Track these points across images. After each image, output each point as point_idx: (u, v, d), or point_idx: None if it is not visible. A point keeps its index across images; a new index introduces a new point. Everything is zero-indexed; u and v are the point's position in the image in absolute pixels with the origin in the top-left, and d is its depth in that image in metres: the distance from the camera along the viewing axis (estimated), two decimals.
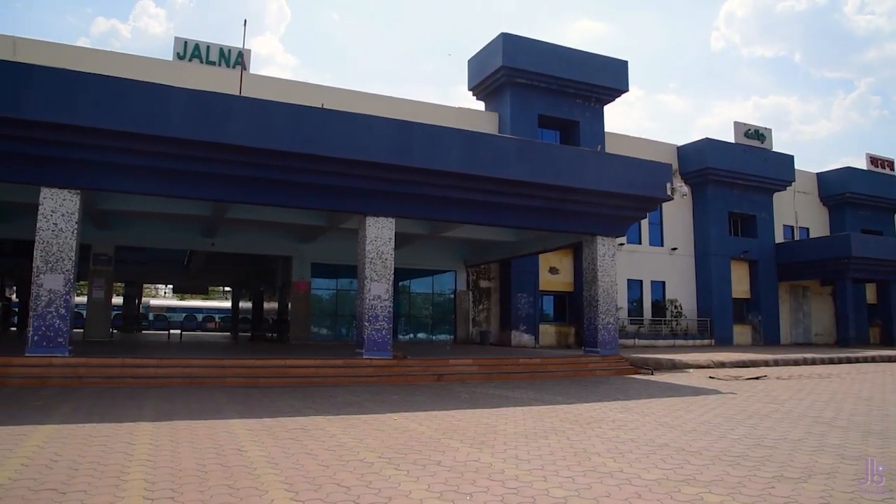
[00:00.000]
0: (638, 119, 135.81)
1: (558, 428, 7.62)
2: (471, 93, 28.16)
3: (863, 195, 35.11)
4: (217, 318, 53.53)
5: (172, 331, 32.85)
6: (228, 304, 50.12)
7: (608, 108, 31.77)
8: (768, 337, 31.41)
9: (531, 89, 26.21)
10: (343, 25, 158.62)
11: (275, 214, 17.39)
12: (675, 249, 30.45)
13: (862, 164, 36.75)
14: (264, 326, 30.86)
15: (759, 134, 32.46)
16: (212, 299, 61.53)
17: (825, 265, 30.55)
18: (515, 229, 20.23)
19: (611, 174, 16.71)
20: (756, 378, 15.05)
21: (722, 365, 18.37)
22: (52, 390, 10.43)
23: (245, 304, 40.19)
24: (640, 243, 29.40)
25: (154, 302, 56.39)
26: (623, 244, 27.19)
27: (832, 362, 20.88)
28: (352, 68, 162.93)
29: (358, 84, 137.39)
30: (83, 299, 26.15)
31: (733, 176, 30.84)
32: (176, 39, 22.11)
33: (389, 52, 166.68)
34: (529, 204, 16.06)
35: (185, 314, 52.22)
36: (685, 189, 30.37)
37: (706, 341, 29.31)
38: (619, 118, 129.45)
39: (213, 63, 22.28)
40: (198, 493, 4.50)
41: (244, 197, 14.10)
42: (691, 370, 17.34)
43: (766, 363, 19.29)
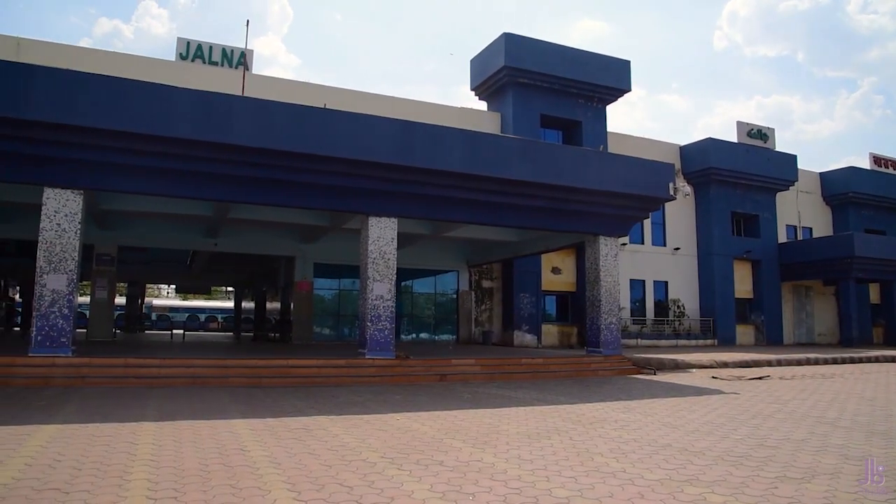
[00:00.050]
0: (640, 119, 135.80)
1: (561, 428, 7.61)
2: (473, 93, 28.16)
3: (866, 195, 35.02)
4: (220, 318, 53.66)
5: (175, 331, 32.94)
6: (231, 305, 50.23)
7: (610, 108, 31.84)
8: (771, 337, 31.34)
9: (533, 89, 26.20)
10: (345, 26, 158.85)
11: (277, 214, 17.40)
12: (678, 249, 30.40)
13: (865, 164, 36.66)
14: (267, 326, 30.89)
15: (762, 133, 32.38)
16: (214, 299, 61.67)
17: (828, 265, 30.47)
18: (518, 229, 20.22)
19: (613, 174, 16.70)
20: (759, 378, 15.02)
21: (725, 365, 18.34)
22: (56, 390, 10.45)
23: (248, 304, 40.26)
24: (643, 243, 29.38)
25: (157, 302, 56.57)
26: (626, 244, 27.17)
27: (835, 362, 20.82)
28: (354, 68, 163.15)
29: (360, 84, 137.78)
30: (86, 299, 26.18)
31: (736, 176, 30.78)
32: (178, 40, 22.17)
33: (391, 53, 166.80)
34: (532, 204, 16.05)
35: (188, 314, 52.38)
36: (688, 189, 30.37)
37: (709, 341, 29.26)
38: (622, 118, 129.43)
39: (216, 63, 22.33)
40: (201, 493, 4.50)
41: (247, 197, 14.11)
42: (694, 370, 17.32)
43: (769, 363, 19.25)
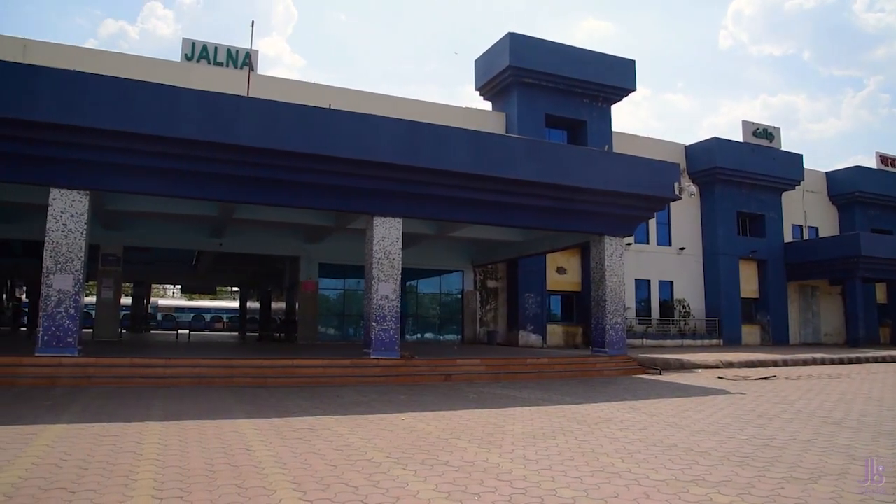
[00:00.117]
0: (645, 118, 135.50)
1: (566, 428, 7.60)
2: (478, 93, 28.18)
3: (872, 194, 34.88)
4: (225, 319, 53.78)
5: (181, 331, 33.03)
6: (236, 305, 50.31)
7: (615, 108, 31.75)
8: (777, 337, 31.23)
9: (538, 89, 26.18)
10: (350, 26, 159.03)
11: (282, 215, 17.42)
12: (683, 249, 30.33)
13: (872, 163, 36.54)
14: (272, 326, 30.99)
15: (768, 133, 32.28)
16: (220, 299, 61.81)
17: (834, 265, 30.36)
18: (523, 229, 20.21)
19: (618, 174, 16.66)
20: (765, 378, 14.97)
21: (730, 365, 18.28)
22: (62, 390, 10.49)
23: (253, 305, 40.39)
24: (648, 243, 29.33)
25: (162, 302, 56.73)
26: (631, 244, 27.10)
27: (842, 362, 20.74)
28: (358, 69, 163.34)
29: (365, 84, 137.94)
30: (92, 299, 26.30)
31: (742, 175, 30.70)
32: (184, 41, 22.25)
33: (396, 53, 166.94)
34: (537, 204, 16.03)
35: (194, 314, 52.53)
36: (693, 188, 30.13)
37: (714, 341, 29.19)
38: (626, 117, 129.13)
39: (221, 64, 22.41)
40: (206, 493, 4.51)
41: (252, 197, 14.14)
42: (700, 370, 17.27)
43: (775, 363, 19.18)
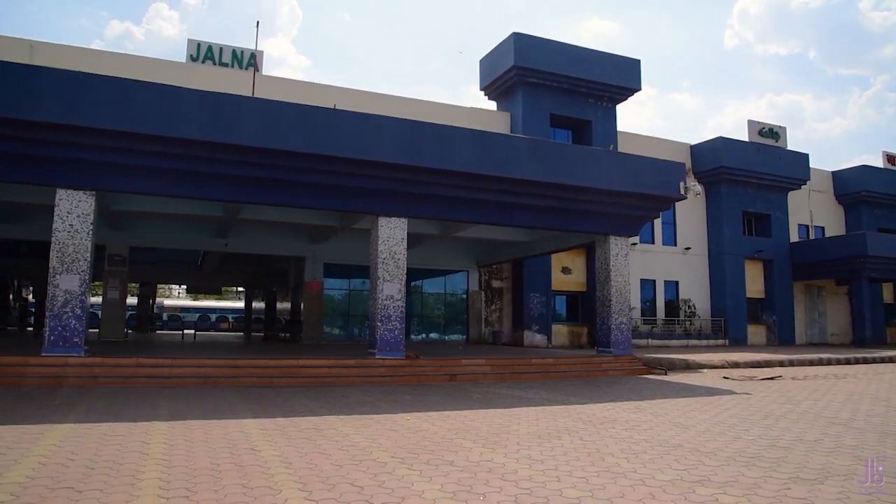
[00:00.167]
0: (650, 118, 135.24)
1: (571, 428, 7.59)
2: (482, 93, 28.16)
3: (879, 193, 34.72)
4: (230, 319, 53.89)
5: (186, 331, 33.11)
6: (241, 305, 50.46)
7: (620, 108, 31.70)
8: (783, 337, 31.12)
9: (543, 89, 26.15)
10: (354, 26, 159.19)
11: (287, 215, 17.45)
12: (689, 249, 30.25)
13: (878, 162, 36.34)
14: (277, 326, 31.01)
15: (774, 132, 32.17)
16: (225, 299, 61.95)
17: (841, 264, 30.21)
18: (528, 229, 20.18)
19: (623, 173, 16.63)
20: (771, 378, 14.92)
21: (736, 365, 18.22)
22: (69, 390, 10.53)
23: (258, 305, 40.41)
24: (653, 243, 29.26)
25: (168, 302, 56.89)
26: (636, 244, 27.07)
27: (848, 363, 20.65)
28: (363, 69, 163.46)
29: (369, 84, 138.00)
30: (98, 300, 26.39)
31: (747, 175, 30.59)
32: (189, 41, 22.31)
33: (400, 53, 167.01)
34: (542, 204, 16.01)
35: (199, 314, 52.65)
36: (698, 188, 30.03)
37: (720, 341, 29.11)
38: (632, 117, 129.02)
39: (226, 65, 22.45)
40: (212, 493, 4.52)
41: (257, 197, 14.17)
42: (705, 370, 17.23)
43: (781, 363, 19.11)
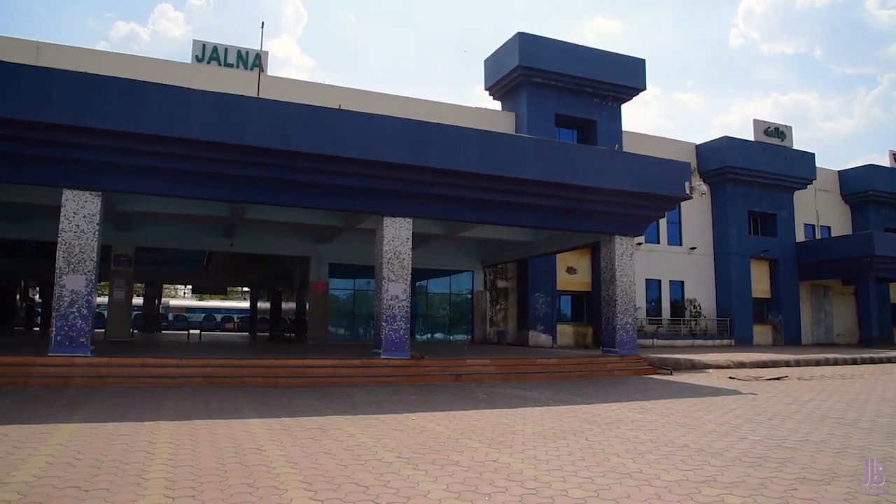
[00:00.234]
0: (655, 117, 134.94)
1: (577, 428, 7.58)
2: (487, 92, 28.14)
3: (886, 193, 34.54)
4: (236, 319, 54.02)
5: (192, 331, 33.19)
6: (247, 305, 50.52)
7: (625, 107, 31.61)
8: (789, 337, 31.00)
9: (548, 88, 26.12)
10: (359, 27, 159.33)
11: (292, 215, 17.48)
12: (694, 249, 30.18)
13: (885, 162, 36.20)
14: (282, 326, 31.08)
15: (779, 131, 32.04)
16: (230, 300, 62.08)
17: (847, 264, 30.09)
18: (533, 229, 20.16)
19: (628, 173, 16.60)
20: (777, 378, 14.86)
21: (742, 365, 18.17)
22: (75, 389, 10.57)
23: (263, 305, 40.52)
24: (659, 242, 29.19)
25: (174, 302, 57.06)
26: (641, 243, 26.99)
27: (854, 363, 20.56)
28: (368, 69, 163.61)
29: (374, 85, 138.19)
30: (104, 300, 26.48)
31: (753, 174, 30.49)
32: (194, 42, 22.37)
33: (405, 53, 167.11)
34: (547, 204, 15.99)
35: (205, 314, 52.80)
36: (704, 188, 29.90)
37: (725, 341, 29.02)
38: (636, 117, 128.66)
39: (231, 65, 22.50)
40: (218, 492, 4.53)
41: (262, 198, 14.18)
42: (711, 370, 17.17)
43: (787, 363, 19.04)
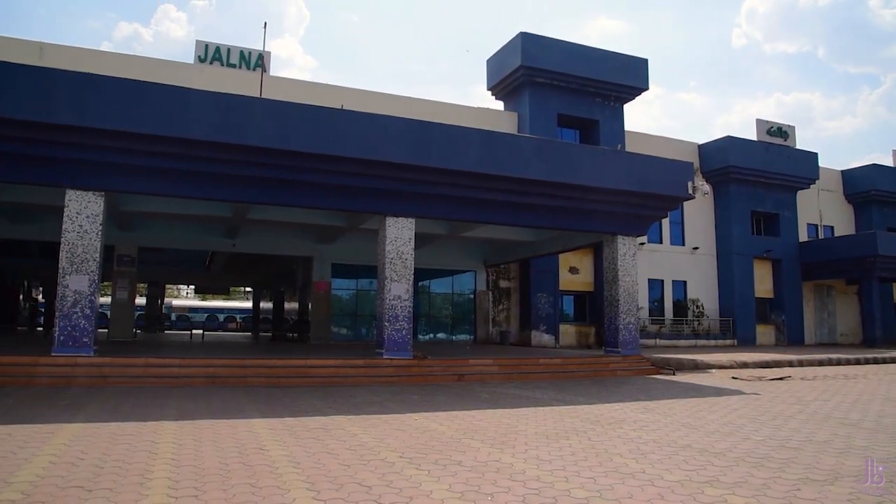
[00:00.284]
0: (657, 117, 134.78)
1: (579, 428, 7.57)
2: (490, 92, 28.15)
3: (889, 192, 34.48)
4: (238, 319, 54.08)
5: (194, 331, 33.24)
6: (249, 305, 50.62)
7: (628, 107, 31.63)
8: (792, 337, 30.95)
9: (550, 88, 26.11)
10: (361, 27, 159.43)
11: (295, 215, 17.50)
12: (697, 249, 30.14)
13: (888, 161, 36.12)
14: (285, 326, 31.10)
15: (782, 131, 32.00)
16: (233, 300, 62.17)
17: (850, 264, 30.03)
18: (535, 229, 20.16)
19: (631, 173, 16.59)
20: (780, 378, 14.84)
21: (745, 365, 18.14)
22: (78, 389, 10.59)
23: (266, 305, 40.56)
24: (661, 242, 29.17)
25: (176, 302, 57.13)
26: (644, 243, 26.93)
27: (858, 363, 20.53)
28: (370, 69, 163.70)
29: (376, 85, 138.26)
30: (107, 300, 26.54)
31: (756, 174, 30.45)
32: (197, 43, 22.40)
33: (408, 53, 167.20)
34: (549, 203, 15.99)
35: (207, 314, 52.85)
36: (707, 188, 29.86)
37: (728, 341, 28.99)
38: (639, 116, 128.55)
39: (234, 66, 22.53)
40: (221, 492, 4.54)
41: (265, 198, 14.21)
42: (714, 370, 17.15)
43: (790, 363, 19.01)
